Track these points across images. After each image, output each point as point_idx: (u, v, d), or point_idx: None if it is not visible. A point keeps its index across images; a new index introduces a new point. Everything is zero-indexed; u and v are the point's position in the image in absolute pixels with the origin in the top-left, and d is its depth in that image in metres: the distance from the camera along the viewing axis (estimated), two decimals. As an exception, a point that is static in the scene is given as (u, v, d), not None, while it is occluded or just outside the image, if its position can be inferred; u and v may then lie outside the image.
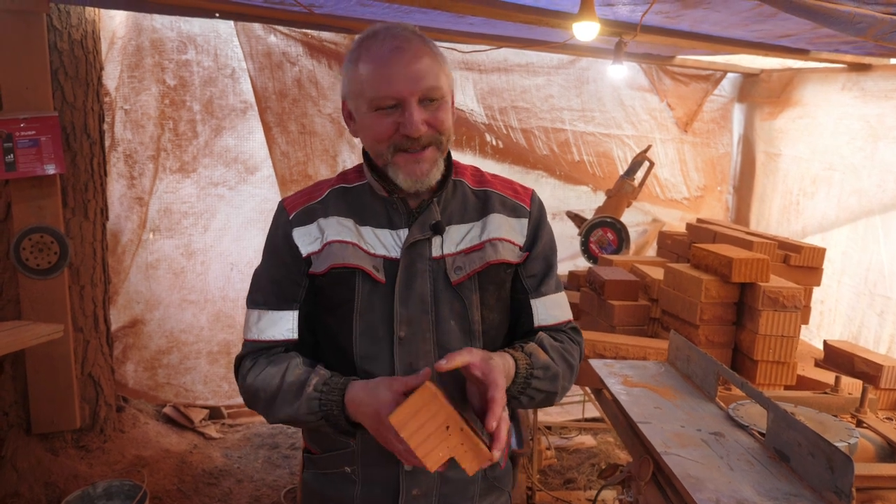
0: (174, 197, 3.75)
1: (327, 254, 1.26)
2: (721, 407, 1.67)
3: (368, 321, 1.26)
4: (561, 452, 3.83)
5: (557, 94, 4.21)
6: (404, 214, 1.29)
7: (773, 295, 2.12)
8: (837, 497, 1.19)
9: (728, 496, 1.22)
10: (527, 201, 1.40)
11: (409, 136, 1.20)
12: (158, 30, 3.57)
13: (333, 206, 1.30)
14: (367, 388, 1.15)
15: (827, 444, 1.22)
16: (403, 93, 1.18)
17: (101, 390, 3.42)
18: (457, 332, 1.30)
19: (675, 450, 1.41)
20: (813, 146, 3.96)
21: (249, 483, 3.44)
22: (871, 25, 2.19)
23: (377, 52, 1.21)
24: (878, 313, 3.42)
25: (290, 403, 1.21)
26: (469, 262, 1.31)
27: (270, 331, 1.29)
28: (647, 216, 4.53)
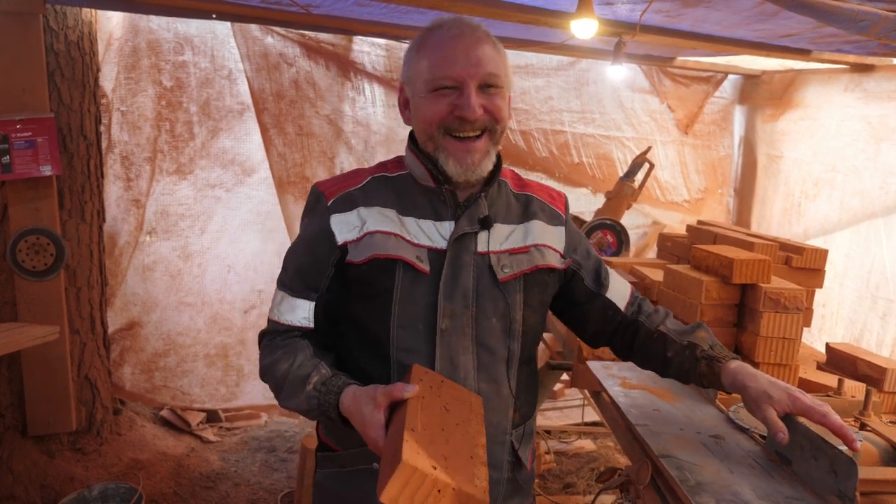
0: (171, 199, 3.74)
1: (368, 244, 1.24)
2: (721, 409, 1.64)
3: (408, 312, 1.24)
4: (560, 457, 3.80)
5: (557, 96, 4.19)
6: (451, 206, 1.28)
7: (774, 296, 2.09)
8: (841, 501, 1.16)
9: (728, 500, 1.19)
10: (562, 208, 1.44)
11: (464, 117, 1.19)
12: (155, 31, 3.56)
13: (375, 194, 1.28)
14: (356, 402, 1.14)
15: (830, 447, 1.19)
16: (463, 74, 1.19)
17: (97, 393, 3.40)
18: (497, 330, 1.30)
19: (674, 453, 1.38)
20: (815, 148, 3.93)
21: (246, 487, 3.41)
22: (875, 23, 2.17)
23: (440, 37, 1.22)
24: (880, 316, 3.39)
25: (294, 395, 1.21)
26: (516, 263, 1.31)
27: (288, 315, 1.29)
28: (648, 218, 4.50)
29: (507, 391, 1.33)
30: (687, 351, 1.38)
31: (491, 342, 1.29)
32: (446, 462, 1.00)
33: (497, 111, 1.22)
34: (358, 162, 3.88)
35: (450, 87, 1.20)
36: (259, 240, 3.89)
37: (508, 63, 1.27)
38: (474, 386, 1.27)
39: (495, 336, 1.29)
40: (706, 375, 1.36)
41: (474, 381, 1.27)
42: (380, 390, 1.12)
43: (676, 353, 1.39)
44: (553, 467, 3.63)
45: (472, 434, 1.10)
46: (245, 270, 3.89)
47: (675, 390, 1.76)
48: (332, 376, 1.20)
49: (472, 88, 1.19)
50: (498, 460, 1.31)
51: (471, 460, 1.04)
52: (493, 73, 1.20)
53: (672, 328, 1.43)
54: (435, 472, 0.96)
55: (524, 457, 1.38)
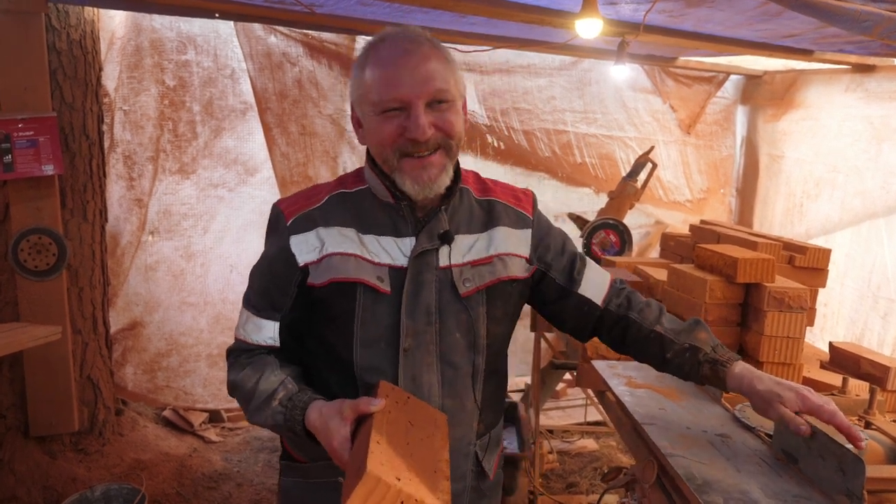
0: (173, 198, 3.73)
1: (327, 266, 1.22)
2: (726, 408, 1.64)
3: (371, 332, 1.24)
4: (563, 456, 3.80)
5: (559, 96, 4.20)
6: (411, 222, 1.26)
7: (778, 295, 2.09)
8: (848, 500, 1.16)
9: (736, 498, 1.19)
10: (529, 209, 1.40)
11: (415, 139, 1.17)
12: (158, 30, 3.56)
13: (334, 214, 1.26)
14: (322, 417, 1.14)
15: (838, 446, 1.19)
16: (409, 95, 1.16)
17: (99, 393, 3.40)
18: (461, 345, 1.29)
19: (681, 451, 1.38)
20: (816, 148, 3.93)
21: (249, 487, 3.41)
22: (877, 24, 2.17)
23: (384, 56, 1.18)
24: (881, 315, 3.39)
25: (260, 411, 1.22)
26: (478, 276, 1.29)
27: (254, 335, 1.29)
28: (650, 218, 4.50)
29: (472, 405, 1.33)
30: (688, 353, 1.37)
31: (455, 358, 1.28)
32: (410, 475, 1.00)
33: (449, 127, 1.19)
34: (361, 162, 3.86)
35: (397, 109, 1.17)
36: (262, 239, 3.86)
37: (458, 70, 1.24)
38: (438, 403, 1.27)
39: (459, 351, 1.28)
40: (709, 378, 1.36)
41: (438, 398, 1.27)
42: (346, 404, 1.12)
43: (676, 354, 1.38)
44: (556, 467, 3.63)
45: (436, 448, 1.11)
46: (247, 270, 3.82)
47: (680, 389, 1.76)
48: (298, 391, 1.20)
49: (421, 108, 1.16)
50: (462, 471, 1.32)
51: (434, 474, 1.05)
52: (441, 88, 1.17)
53: (669, 328, 1.40)
54: (398, 483, 0.96)
55: (488, 466, 1.40)
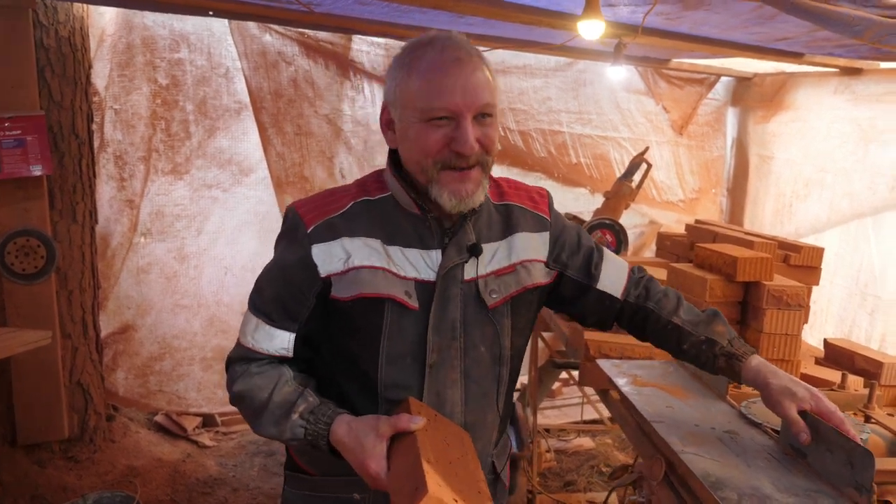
0: (166, 199, 3.69)
1: (354, 280, 1.18)
2: (732, 405, 1.66)
3: (397, 348, 1.20)
4: (560, 455, 3.81)
5: (555, 97, 4.22)
6: (437, 234, 1.23)
7: (777, 294, 2.11)
8: (858, 492, 1.17)
9: (749, 494, 1.20)
10: (546, 209, 1.39)
11: (461, 153, 1.13)
12: (150, 27, 3.52)
13: (359, 223, 1.20)
14: (353, 432, 1.10)
15: (846, 440, 1.21)
16: (460, 106, 1.12)
17: (90, 399, 3.35)
18: (486, 359, 1.27)
19: (693, 449, 1.39)
20: (805, 149, 3.99)
21: (245, 492, 3.38)
22: (868, 28, 2.21)
23: (434, 61, 1.14)
24: (868, 312, 3.46)
25: (275, 423, 1.16)
26: (503, 286, 1.27)
27: (265, 343, 1.22)
28: (644, 218, 4.54)
29: (494, 417, 1.33)
30: (704, 345, 1.38)
31: (479, 373, 1.26)
32: (461, 496, 0.99)
33: (490, 144, 1.17)
34: (357, 162, 3.87)
35: (444, 118, 1.13)
36: (257, 241, 3.86)
37: (498, 85, 1.21)
38: (461, 419, 1.25)
39: (484, 365, 1.27)
40: (724, 370, 1.37)
41: (461, 415, 1.25)
42: (383, 420, 1.09)
43: (693, 345, 1.39)
44: (553, 465, 3.64)
45: (472, 468, 1.10)
46: (243, 272, 3.85)
47: (686, 387, 1.77)
48: (321, 404, 1.16)
49: (470, 121, 1.13)
50: None
51: (479, 495, 1.03)
52: (489, 102, 1.15)
53: (687, 319, 1.40)
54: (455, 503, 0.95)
55: (502, 471, 1.41)
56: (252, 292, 1.26)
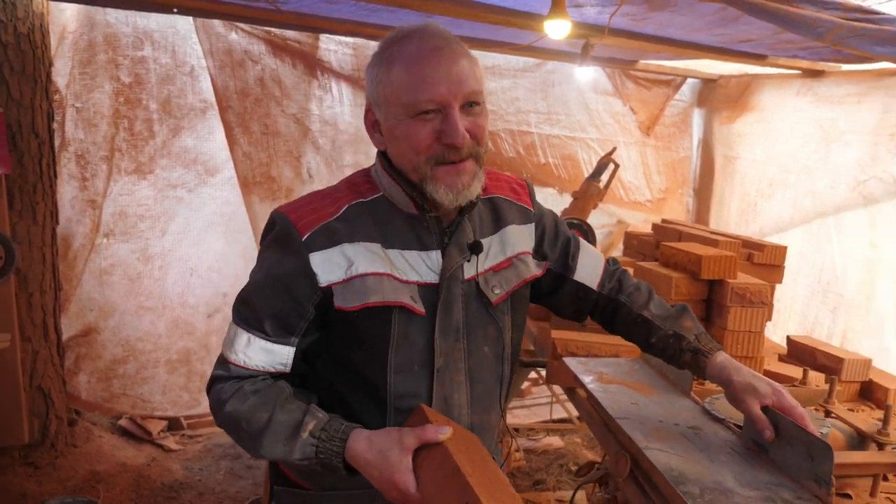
0: (130, 199, 3.62)
1: (360, 288, 1.12)
2: (696, 401, 1.68)
3: (405, 356, 1.16)
4: (529, 454, 3.82)
5: (523, 97, 4.24)
6: (436, 234, 1.19)
7: (740, 291, 2.15)
8: (817, 484, 1.19)
9: (711, 488, 1.22)
10: (528, 201, 1.38)
11: (452, 144, 1.09)
12: (112, 24, 3.45)
13: (357, 227, 1.15)
14: (374, 447, 1.04)
15: (806, 434, 1.23)
16: (446, 96, 1.08)
17: (51, 403, 3.27)
18: (490, 359, 1.25)
19: (656, 445, 1.40)
20: (769, 150, 4.07)
21: (211, 496, 3.33)
22: (830, 30, 2.26)
23: (414, 53, 1.09)
24: (830, 310, 3.53)
25: (280, 443, 1.08)
26: (504, 281, 1.26)
27: (260, 360, 1.15)
28: (612, 218, 4.59)
29: (496, 416, 1.32)
30: (672, 340, 1.39)
31: (483, 373, 1.25)
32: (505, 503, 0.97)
33: (481, 133, 1.13)
34: (325, 162, 3.84)
35: (432, 111, 1.09)
36: (223, 241, 3.81)
37: (481, 69, 1.17)
38: (467, 422, 1.24)
39: (487, 365, 1.25)
40: (690, 365, 1.38)
41: (467, 417, 1.24)
42: (406, 433, 1.05)
43: (660, 339, 1.40)
44: (522, 465, 3.65)
45: (498, 473, 1.08)
46: (208, 273, 3.80)
47: (651, 383, 1.79)
48: (331, 420, 1.09)
49: (457, 111, 1.09)
50: None
51: (514, 499, 1.02)
52: (475, 89, 1.11)
53: (657, 313, 1.41)
54: None
55: (499, 464, 1.39)
56: (237, 305, 1.18)
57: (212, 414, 1.18)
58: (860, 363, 2.11)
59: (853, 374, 2.12)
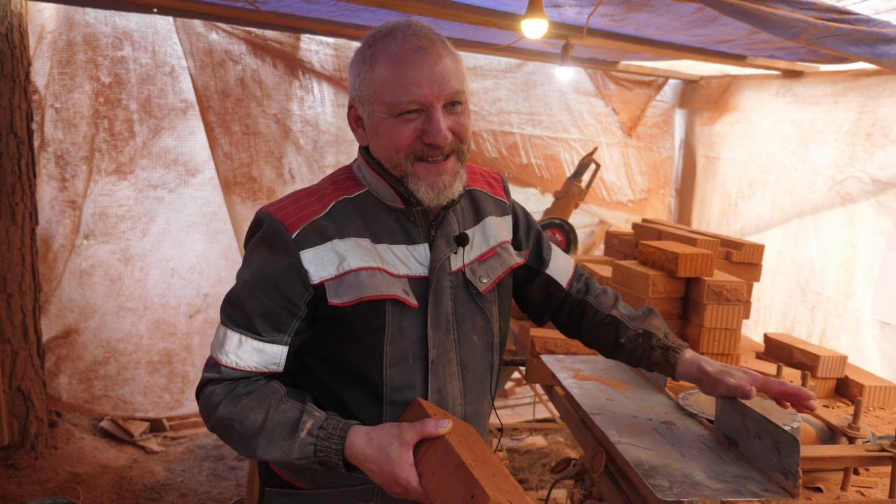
0: (110, 200, 3.60)
1: (354, 283, 1.12)
2: (670, 397, 1.69)
3: (400, 349, 1.17)
4: (512, 454, 3.84)
5: (505, 98, 4.25)
6: (423, 228, 1.21)
7: (717, 289, 2.17)
8: (784, 477, 1.21)
9: (680, 481, 1.23)
10: (503, 194, 1.40)
11: (434, 144, 1.11)
12: (92, 24, 3.43)
13: (346, 223, 1.16)
14: (374, 443, 1.05)
15: (774, 427, 1.25)
16: (428, 96, 1.09)
17: (31, 405, 3.24)
18: (479, 349, 1.27)
19: (628, 439, 1.41)
20: (749, 150, 4.10)
21: (193, 497, 3.31)
22: (805, 30, 2.29)
23: (397, 52, 1.09)
24: (809, 308, 3.57)
25: (276, 444, 1.08)
26: (490, 270, 1.27)
27: (252, 360, 1.14)
28: (594, 218, 4.61)
29: (488, 406, 1.34)
30: (641, 339, 1.40)
31: (473, 363, 1.26)
32: (509, 495, 0.98)
33: (464, 132, 1.14)
34: (307, 162, 3.83)
35: (415, 111, 1.10)
36: (204, 241, 3.80)
37: (465, 69, 1.18)
38: (461, 412, 1.25)
39: (477, 355, 1.26)
40: (659, 363, 1.39)
41: (461, 407, 1.25)
42: (406, 427, 1.05)
43: (629, 339, 1.41)
44: (505, 464, 3.66)
45: (498, 464, 1.08)
46: (190, 273, 3.78)
47: (626, 380, 1.80)
48: (328, 418, 1.09)
49: (440, 111, 1.10)
50: None
51: (516, 489, 1.03)
52: (458, 90, 1.11)
53: (624, 313, 1.44)
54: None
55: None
56: (226, 307, 1.17)
57: (203, 418, 1.17)
58: (836, 360, 2.12)
59: (829, 370, 2.14)
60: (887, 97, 3.11)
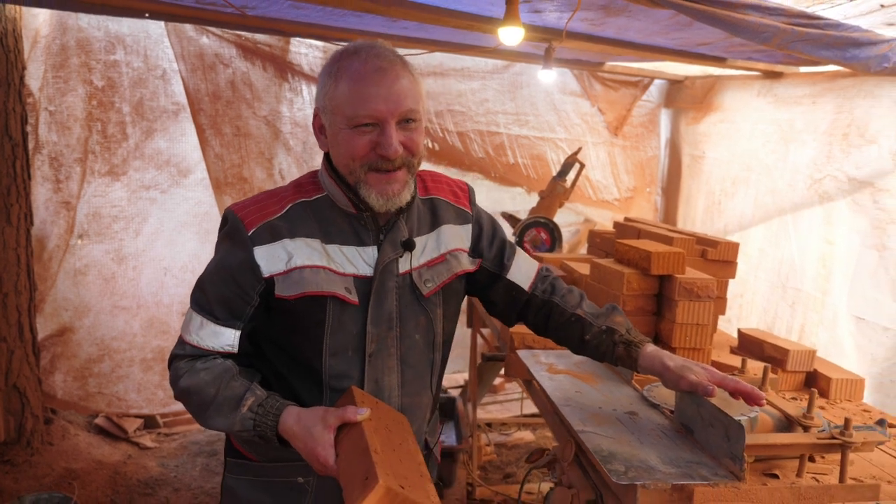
0: (103, 200, 3.67)
1: (298, 279, 1.24)
2: (637, 389, 1.77)
3: (339, 341, 1.28)
4: (500, 448, 3.91)
5: (492, 99, 4.32)
6: (373, 231, 1.31)
7: (688, 286, 2.23)
8: (732, 462, 1.29)
9: (636, 466, 1.31)
10: (466, 203, 1.49)
11: (385, 156, 1.21)
12: (85, 29, 3.49)
13: (298, 224, 1.27)
14: (301, 423, 1.17)
15: (724, 416, 1.32)
16: (384, 113, 1.20)
17: (27, 401, 3.31)
18: (420, 346, 1.36)
19: (591, 428, 1.49)
20: (732, 149, 4.16)
21: (187, 491, 3.38)
22: (775, 35, 2.36)
23: (358, 70, 1.21)
24: (789, 304, 3.63)
25: (224, 416, 1.22)
26: (436, 275, 1.37)
27: (210, 341, 1.28)
28: (580, 216, 4.68)
29: (428, 399, 1.43)
30: (604, 335, 1.48)
31: (413, 359, 1.36)
32: (406, 481, 1.08)
33: (415, 147, 1.25)
34: (297, 163, 3.90)
35: (370, 125, 1.21)
36: (196, 241, 3.87)
37: (423, 89, 1.29)
38: (397, 403, 1.35)
39: (418, 352, 1.36)
40: (622, 358, 1.47)
41: (398, 398, 1.35)
42: (330, 412, 1.17)
43: (594, 336, 1.49)
44: (493, 459, 3.74)
45: (413, 453, 1.19)
46: (182, 272, 3.85)
47: (597, 373, 1.88)
48: (268, 397, 1.22)
49: (393, 127, 1.20)
50: None
51: (421, 478, 1.13)
52: (412, 108, 1.22)
53: (589, 311, 1.52)
54: (403, 491, 1.04)
55: (433, 443, 1.51)
56: (195, 291, 1.32)
57: (171, 386, 1.32)
58: (805, 354, 2.19)
59: (798, 364, 2.20)
60: (862, 98, 3.17)
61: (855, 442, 1.41)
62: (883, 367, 2.92)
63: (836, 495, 1.41)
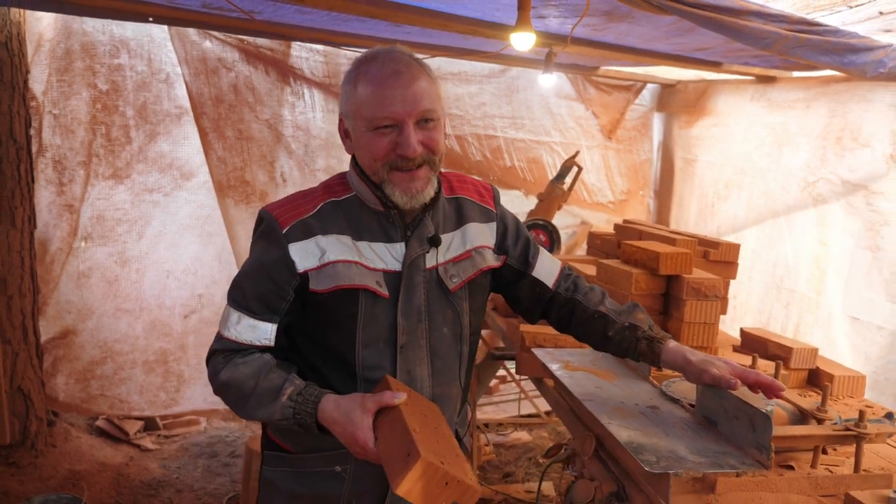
0: (107, 203, 3.66)
1: (331, 273, 1.29)
2: (655, 385, 1.82)
3: (371, 333, 1.33)
4: (499, 448, 3.95)
5: (489, 102, 4.37)
6: (400, 228, 1.36)
7: (696, 286, 2.29)
8: (759, 451, 1.34)
9: (666, 456, 1.35)
10: (491, 203, 1.54)
11: (405, 156, 1.27)
12: (89, 33, 3.49)
13: (330, 222, 1.33)
14: (341, 408, 1.22)
15: (749, 407, 1.37)
16: (401, 114, 1.25)
17: (31, 404, 3.29)
18: (449, 339, 1.41)
19: (618, 421, 1.54)
20: (725, 152, 4.24)
21: (190, 492, 3.39)
22: (777, 41, 2.43)
23: (376, 74, 1.27)
24: (784, 305, 3.70)
25: (264, 406, 1.26)
26: (462, 270, 1.42)
27: (247, 335, 1.32)
28: (576, 219, 4.74)
29: (457, 390, 1.47)
30: (627, 331, 1.53)
31: (443, 351, 1.41)
32: (445, 459, 1.12)
33: (435, 145, 1.30)
34: (298, 166, 3.92)
35: (390, 126, 1.26)
36: (199, 244, 3.87)
37: (441, 90, 1.35)
38: (429, 393, 1.39)
39: (447, 344, 1.41)
40: (645, 354, 1.52)
41: (429, 388, 1.40)
42: (368, 397, 1.21)
43: (617, 332, 1.54)
44: (492, 458, 3.78)
45: (448, 437, 1.23)
46: (185, 275, 3.85)
47: (614, 370, 1.93)
48: (306, 387, 1.26)
49: (412, 127, 1.26)
50: None
51: (458, 458, 1.18)
52: (429, 108, 1.28)
53: (612, 309, 1.57)
54: (443, 466, 1.09)
55: (463, 435, 1.56)
56: (232, 289, 1.36)
57: (209, 381, 1.35)
58: (808, 352, 2.25)
59: (801, 362, 2.26)
60: (856, 102, 3.25)
61: (870, 433, 1.47)
62: (877, 366, 3.00)
63: (851, 484, 1.46)
